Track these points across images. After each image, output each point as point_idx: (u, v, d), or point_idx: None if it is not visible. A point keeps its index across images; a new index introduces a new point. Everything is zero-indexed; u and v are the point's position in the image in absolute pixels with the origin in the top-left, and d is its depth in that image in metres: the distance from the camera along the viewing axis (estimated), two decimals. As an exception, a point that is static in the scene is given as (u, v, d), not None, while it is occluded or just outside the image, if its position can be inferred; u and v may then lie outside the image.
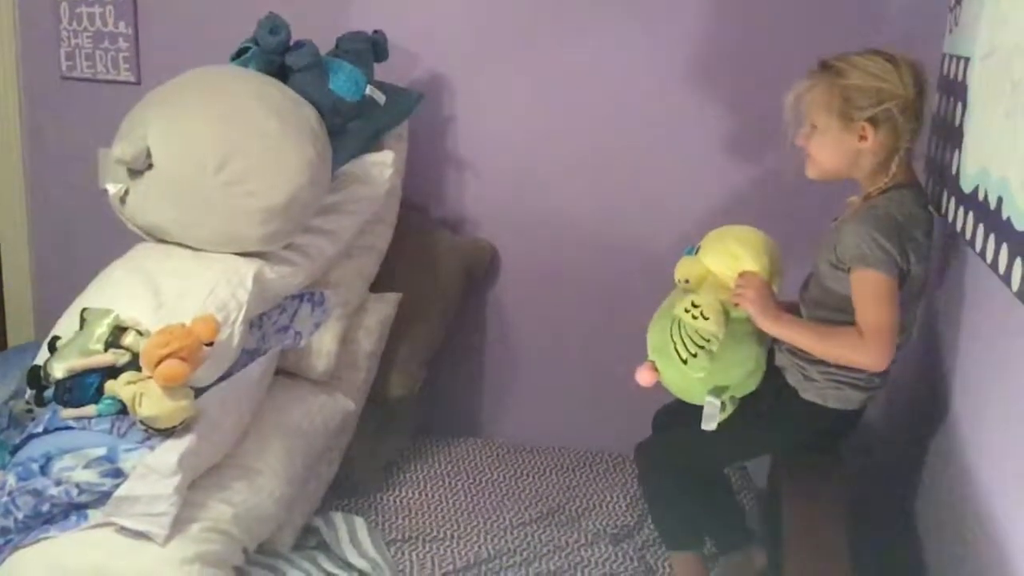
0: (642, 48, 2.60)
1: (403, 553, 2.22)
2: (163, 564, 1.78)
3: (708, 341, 1.88)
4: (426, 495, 2.46)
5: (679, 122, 2.61)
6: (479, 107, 2.73)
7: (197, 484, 1.92)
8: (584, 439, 2.75)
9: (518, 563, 2.20)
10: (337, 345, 2.35)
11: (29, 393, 1.98)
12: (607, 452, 2.68)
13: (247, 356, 2.14)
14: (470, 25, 2.68)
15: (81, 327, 1.99)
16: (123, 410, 1.88)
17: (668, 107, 2.61)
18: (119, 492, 1.80)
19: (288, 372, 2.36)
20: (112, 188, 2.20)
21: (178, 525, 1.82)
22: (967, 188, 1.81)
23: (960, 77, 1.98)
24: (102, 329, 1.96)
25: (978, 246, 1.72)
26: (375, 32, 2.55)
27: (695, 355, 1.88)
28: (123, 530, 1.80)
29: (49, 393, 1.94)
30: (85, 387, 1.92)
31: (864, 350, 1.79)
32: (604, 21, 2.60)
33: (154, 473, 1.80)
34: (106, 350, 1.94)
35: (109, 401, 1.89)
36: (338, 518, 2.27)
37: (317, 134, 2.25)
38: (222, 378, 2.04)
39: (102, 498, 1.82)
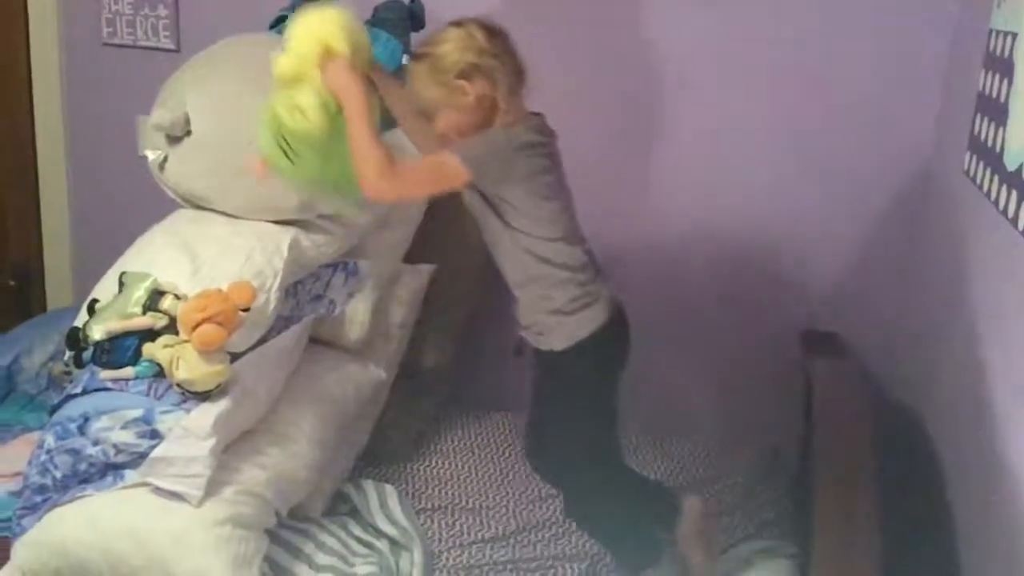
0: (711, 26, 2.56)
1: (432, 522, 2.23)
2: (196, 525, 1.81)
3: (312, 141, 1.79)
4: (456, 466, 2.47)
5: (743, 108, 2.58)
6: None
7: (231, 448, 1.94)
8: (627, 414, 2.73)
9: (547, 537, 2.20)
10: (370, 315, 2.36)
11: (68, 355, 2.00)
12: (634, 430, 2.65)
13: (282, 323, 2.16)
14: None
15: (120, 290, 2.02)
16: (160, 373, 1.90)
17: (737, 92, 2.58)
18: (155, 453, 1.83)
19: (321, 340, 2.37)
20: (151, 155, 2.22)
21: (212, 487, 1.85)
22: (1011, 166, 1.78)
23: (1006, 53, 1.94)
24: (140, 293, 1.98)
25: (1022, 226, 1.68)
26: (411, 1, 2.54)
27: (301, 156, 1.80)
28: (158, 491, 1.83)
29: (87, 354, 1.96)
30: (123, 349, 1.94)
31: (383, 171, 1.72)
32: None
33: (190, 435, 1.82)
34: (144, 313, 1.96)
35: (146, 364, 1.92)
36: (369, 486, 2.29)
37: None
38: (257, 344, 2.06)
39: (138, 459, 1.84)
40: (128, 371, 1.92)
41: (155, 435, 1.85)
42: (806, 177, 2.57)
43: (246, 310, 1.94)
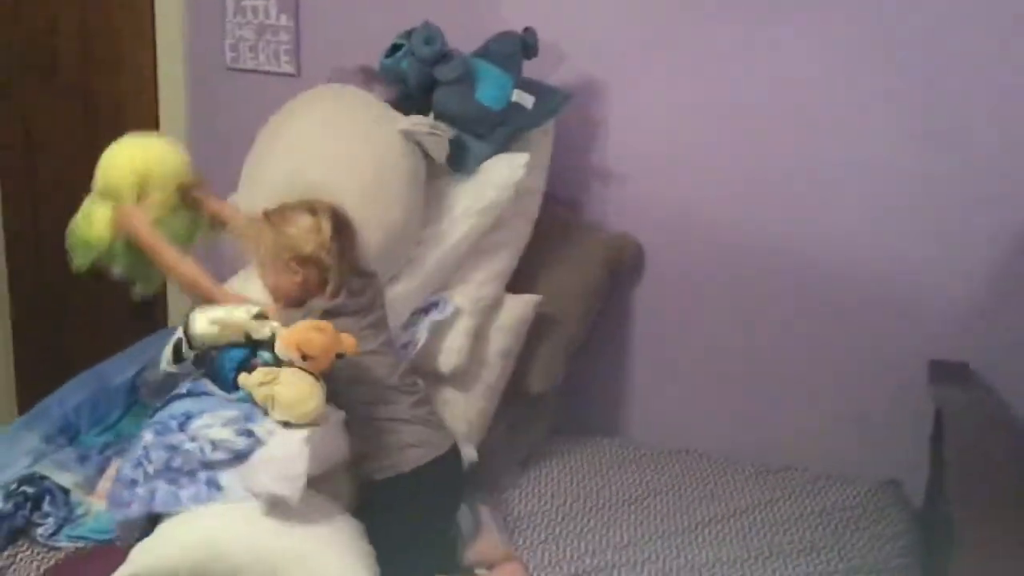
0: (804, 42, 2.50)
1: (534, 549, 2.19)
2: (312, 544, 1.82)
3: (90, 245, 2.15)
4: (562, 492, 2.43)
5: (845, 122, 2.50)
6: (631, 102, 2.68)
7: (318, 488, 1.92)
8: (722, 445, 2.67)
9: (653, 572, 2.11)
10: (468, 341, 2.32)
11: (168, 352, 2.02)
12: (748, 461, 2.59)
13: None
14: (624, 18, 2.64)
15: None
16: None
17: (835, 105, 2.50)
18: (255, 456, 1.83)
19: (419, 371, 2.29)
20: None
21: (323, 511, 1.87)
22: None
23: None
24: (242, 311, 1.97)
25: None
26: (525, 30, 2.54)
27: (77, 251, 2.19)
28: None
29: (186, 351, 1.98)
30: (224, 373, 1.95)
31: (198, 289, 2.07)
32: (761, 11, 2.52)
33: (288, 438, 1.83)
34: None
35: (243, 395, 1.93)
36: (463, 511, 2.20)
37: (408, 192, 2.28)
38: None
39: (233, 459, 1.85)
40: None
41: (251, 435, 1.86)
42: (935, 196, 2.47)
43: (341, 356, 1.91)
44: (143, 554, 1.80)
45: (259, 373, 1.88)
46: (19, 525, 2.04)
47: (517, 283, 2.53)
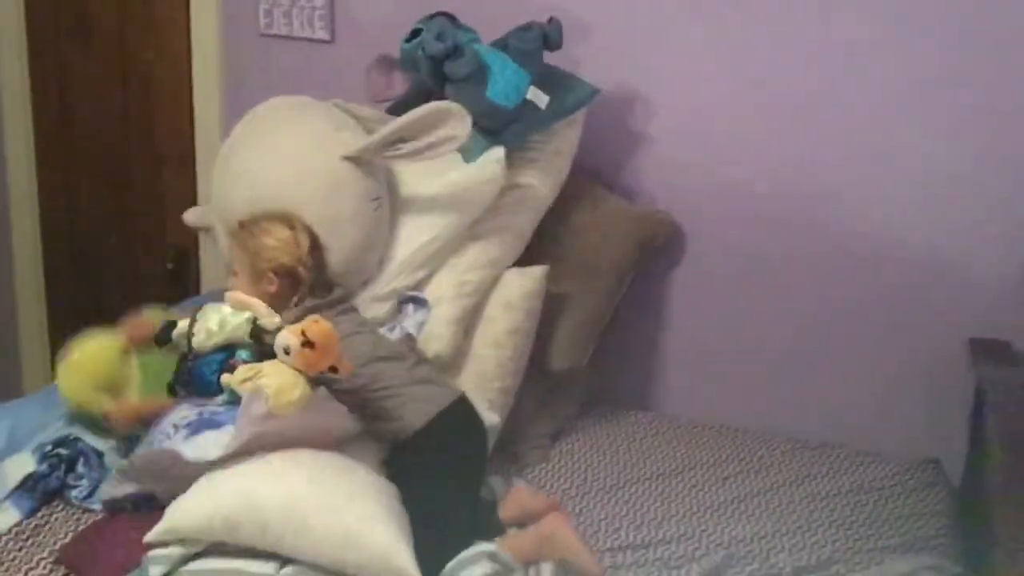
0: (851, 13, 2.43)
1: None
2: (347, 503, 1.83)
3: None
4: (595, 467, 2.41)
5: (890, 97, 2.44)
6: (667, 75, 2.63)
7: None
8: (757, 421, 2.64)
9: (688, 551, 2.07)
10: (449, 329, 2.30)
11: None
12: (784, 437, 2.56)
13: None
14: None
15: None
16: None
17: (879, 79, 2.44)
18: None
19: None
20: None
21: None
22: None
23: None
24: (240, 320, 2.02)
25: None
26: (550, 21, 2.46)
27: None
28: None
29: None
30: (207, 378, 1.97)
31: None
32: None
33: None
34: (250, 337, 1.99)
35: (227, 397, 1.95)
36: (498, 483, 2.23)
37: (365, 211, 2.28)
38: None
39: (191, 431, 1.94)
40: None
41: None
42: (978, 173, 2.41)
43: (334, 370, 1.93)
44: (178, 510, 1.82)
45: (241, 370, 1.89)
46: (54, 487, 2.05)
47: (542, 258, 2.49)
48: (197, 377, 1.99)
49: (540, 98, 2.41)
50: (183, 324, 2.02)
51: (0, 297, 3.49)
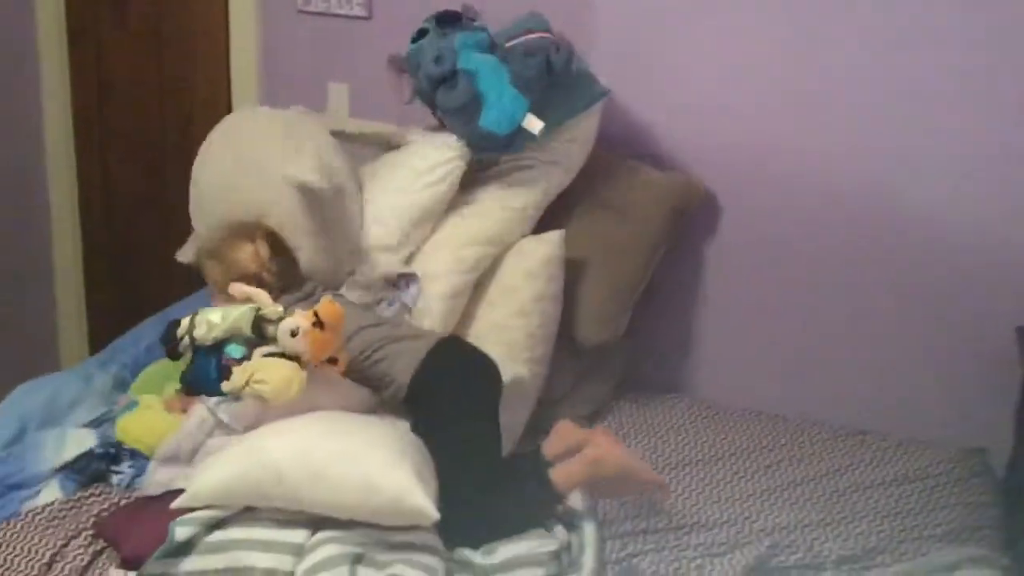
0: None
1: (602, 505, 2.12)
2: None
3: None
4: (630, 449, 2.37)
5: (934, 83, 2.38)
6: (705, 44, 2.57)
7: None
8: (795, 407, 2.59)
9: (726, 535, 2.05)
10: (443, 302, 2.35)
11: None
12: (825, 424, 2.51)
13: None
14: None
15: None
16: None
17: (924, 64, 2.38)
18: None
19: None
20: None
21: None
22: None
23: None
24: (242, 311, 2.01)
25: None
26: (557, 48, 2.37)
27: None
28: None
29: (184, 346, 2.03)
30: (211, 381, 1.97)
31: None
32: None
33: None
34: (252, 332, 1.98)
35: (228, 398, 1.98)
36: (538, 459, 2.21)
37: (333, 216, 2.39)
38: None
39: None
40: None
41: None
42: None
43: (333, 361, 1.99)
44: (199, 478, 1.88)
45: (238, 374, 1.91)
46: (99, 471, 2.09)
47: (573, 230, 2.46)
48: (201, 379, 2.00)
49: (534, 125, 2.37)
50: (185, 322, 2.03)
51: (39, 277, 3.50)
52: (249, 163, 2.38)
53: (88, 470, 2.07)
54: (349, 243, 2.41)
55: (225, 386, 1.93)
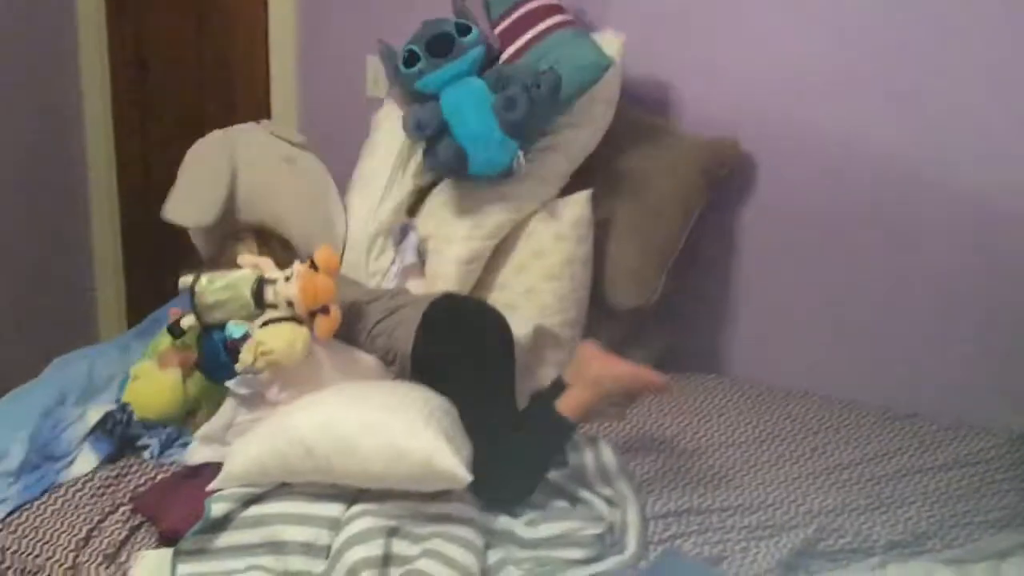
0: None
1: (647, 482, 2.11)
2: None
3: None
4: (671, 429, 2.33)
5: (995, 41, 2.30)
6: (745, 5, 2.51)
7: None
8: (838, 389, 2.53)
9: (777, 522, 1.98)
10: (458, 267, 2.37)
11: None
12: (871, 407, 2.45)
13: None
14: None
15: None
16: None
17: (985, 18, 2.29)
18: None
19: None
20: None
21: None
22: None
23: None
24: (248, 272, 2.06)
25: None
26: (538, 85, 2.30)
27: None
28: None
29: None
30: (223, 367, 1.99)
31: None
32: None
33: None
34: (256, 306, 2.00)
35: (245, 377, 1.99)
36: (581, 440, 2.18)
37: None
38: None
39: None
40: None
41: None
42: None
43: (325, 310, 2.01)
44: (232, 458, 1.89)
45: (246, 352, 1.93)
46: (130, 434, 2.11)
47: (605, 193, 2.42)
48: (215, 365, 2.03)
49: (521, 166, 2.34)
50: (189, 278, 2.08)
51: (78, 253, 3.52)
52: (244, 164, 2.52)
53: (115, 432, 2.09)
54: (339, 224, 2.51)
55: (238, 367, 1.95)
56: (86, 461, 2.06)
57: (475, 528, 1.85)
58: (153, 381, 2.08)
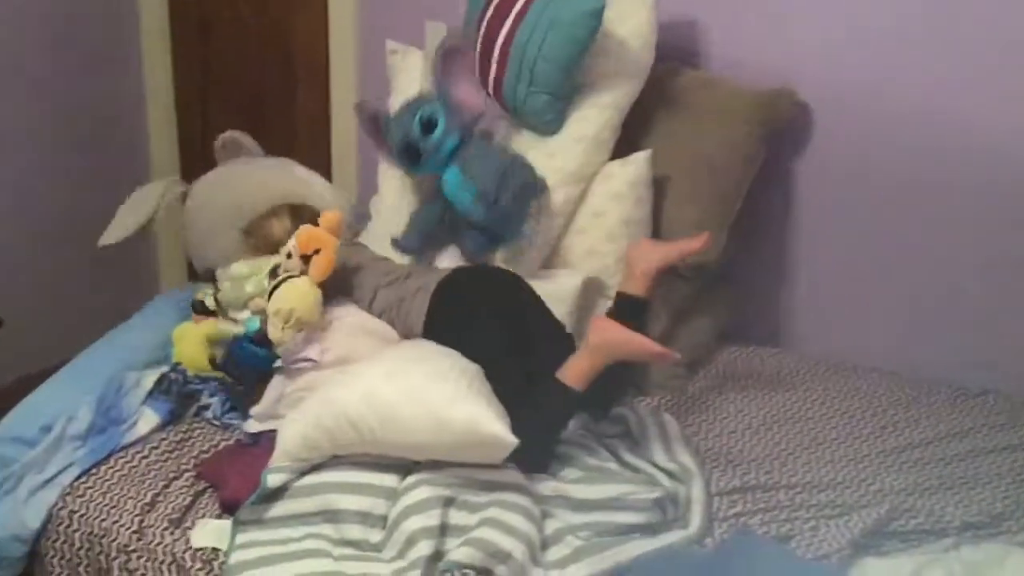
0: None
1: (711, 457, 2.08)
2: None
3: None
4: (735, 404, 2.30)
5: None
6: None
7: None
8: (912, 364, 2.47)
9: (847, 501, 1.93)
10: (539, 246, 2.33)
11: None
12: (942, 383, 2.39)
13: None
14: None
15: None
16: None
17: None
18: None
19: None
20: None
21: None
22: None
23: None
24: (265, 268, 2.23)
25: None
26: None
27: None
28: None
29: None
30: (256, 358, 2.11)
31: None
32: None
33: None
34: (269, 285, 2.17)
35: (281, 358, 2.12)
36: (645, 412, 2.16)
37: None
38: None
39: None
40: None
41: None
42: None
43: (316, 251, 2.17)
44: (283, 436, 1.90)
45: (272, 329, 2.08)
46: (189, 390, 2.18)
47: (655, 147, 2.36)
48: (254, 365, 2.11)
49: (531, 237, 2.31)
50: (202, 294, 2.32)
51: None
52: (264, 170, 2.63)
53: (171, 391, 2.16)
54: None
55: (276, 342, 2.07)
56: (148, 422, 2.10)
57: (529, 495, 1.83)
58: (194, 336, 2.20)
